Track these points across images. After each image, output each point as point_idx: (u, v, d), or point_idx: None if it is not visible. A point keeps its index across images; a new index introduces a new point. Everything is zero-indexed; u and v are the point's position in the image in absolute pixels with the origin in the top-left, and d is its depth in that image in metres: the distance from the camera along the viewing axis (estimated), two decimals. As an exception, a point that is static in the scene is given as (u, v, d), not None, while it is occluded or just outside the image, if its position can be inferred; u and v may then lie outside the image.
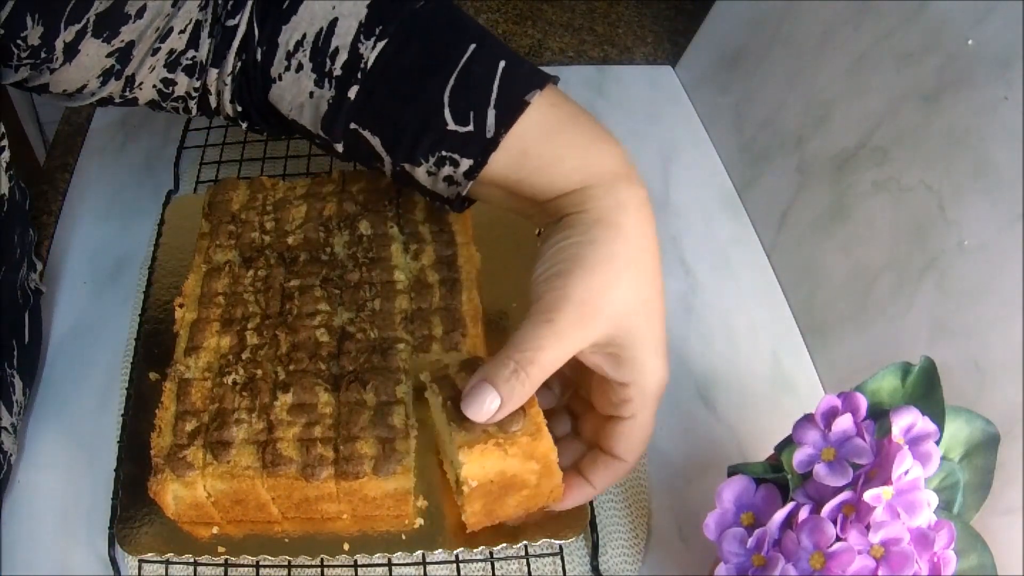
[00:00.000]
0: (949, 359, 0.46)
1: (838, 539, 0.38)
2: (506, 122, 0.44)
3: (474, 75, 0.44)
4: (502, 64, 0.44)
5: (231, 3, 0.47)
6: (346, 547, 0.48)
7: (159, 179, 0.69)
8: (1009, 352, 0.47)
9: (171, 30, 0.46)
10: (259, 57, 0.47)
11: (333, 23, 0.45)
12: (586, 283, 0.41)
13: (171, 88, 0.49)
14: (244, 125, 0.52)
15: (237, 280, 0.53)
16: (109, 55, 0.45)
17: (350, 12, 0.45)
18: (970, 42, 0.52)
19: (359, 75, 0.45)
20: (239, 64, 0.48)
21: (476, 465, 0.42)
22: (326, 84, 0.46)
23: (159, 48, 0.47)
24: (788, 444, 0.43)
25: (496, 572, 0.50)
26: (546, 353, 0.41)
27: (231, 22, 0.47)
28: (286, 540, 0.48)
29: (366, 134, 0.46)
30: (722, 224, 0.71)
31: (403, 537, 0.49)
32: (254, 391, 0.48)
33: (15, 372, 0.54)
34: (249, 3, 0.47)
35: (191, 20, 0.47)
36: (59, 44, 0.43)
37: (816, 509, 0.40)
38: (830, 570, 0.38)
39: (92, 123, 0.76)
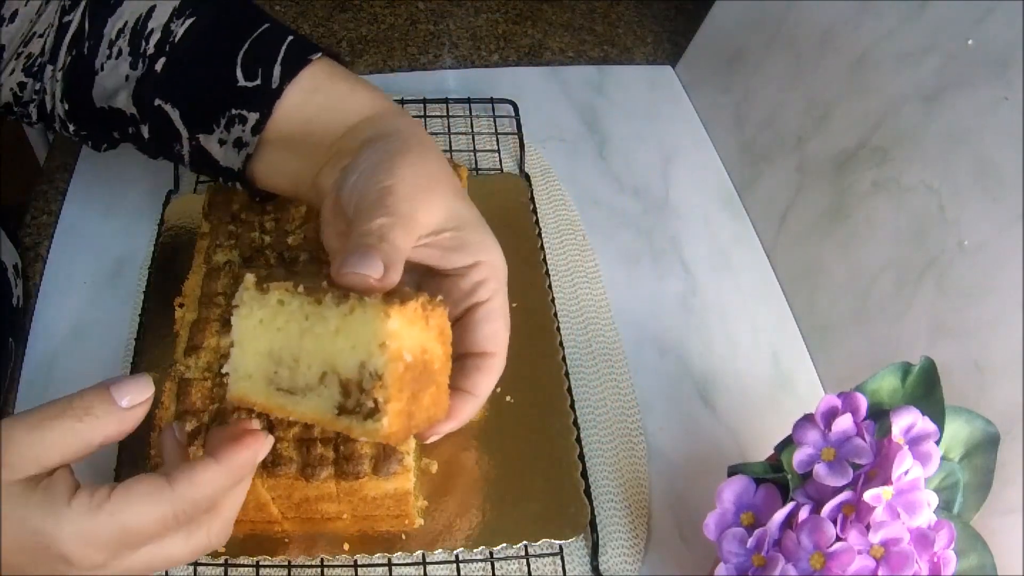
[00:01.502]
0: (949, 359, 0.46)
1: (838, 539, 0.38)
2: (290, 74, 0.47)
3: (265, 42, 0.48)
4: (290, 37, 0.49)
5: (70, 1, 0.49)
6: (346, 547, 0.48)
7: (159, 179, 0.69)
8: (1009, 352, 0.47)
9: (33, 35, 0.49)
10: (86, 50, 0.49)
11: (151, 9, 0.49)
12: (413, 167, 0.42)
13: (23, 91, 0.51)
14: (72, 129, 0.53)
15: (237, 280, 0.53)
16: None
17: (166, 2, 0.49)
18: (970, 42, 0.52)
19: (167, 48, 0.48)
20: (69, 59, 0.49)
21: (406, 333, 0.35)
22: (140, 64, 0.48)
23: (21, 52, 0.49)
24: (788, 444, 0.43)
25: (496, 572, 0.50)
26: (400, 220, 0.40)
27: (67, 18, 0.49)
28: (286, 540, 0.48)
29: (167, 108, 0.48)
30: (722, 224, 0.71)
31: (403, 537, 0.49)
32: (254, 391, 0.48)
33: None
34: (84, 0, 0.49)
35: (49, 24, 0.49)
36: None
37: (816, 509, 0.40)
38: (830, 570, 0.38)
39: (92, 123, 0.76)
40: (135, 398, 0.35)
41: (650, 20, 0.90)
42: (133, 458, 0.50)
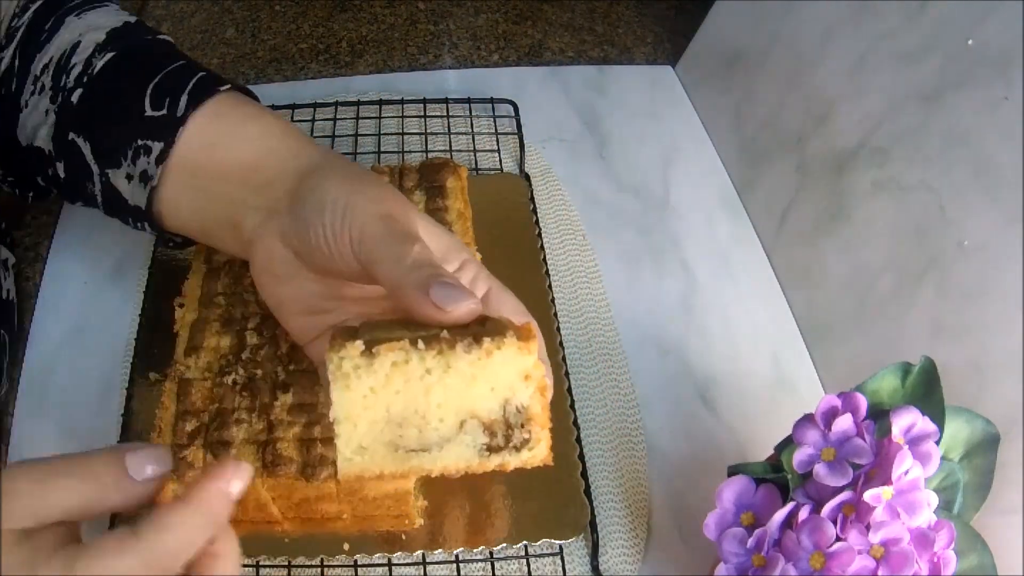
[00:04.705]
0: (949, 359, 0.46)
1: (838, 539, 0.38)
2: (195, 103, 0.46)
3: (176, 75, 0.48)
4: (202, 72, 0.48)
5: (6, 37, 0.49)
6: (346, 547, 0.48)
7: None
8: (1009, 352, 0.47)
9: None
10: (13, 87, 0.49)
11: (76, 45, 0.49)
12: (388, 187, 0.42)
13: None
14: None
15: (237, 280, 0.53)
16: None
17: (92, 37, 0.49)
18: (970, 42, 0.52)
19: (84, 80, 0.48)
20: None
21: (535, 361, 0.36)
22: (59, 98, 0.48)
23: None
24: (788, 444, 0.43)
25: (496, 572, 0.50)
26: (423, 245, 0.39)
27: (1, 55, 0.49)
28: (286, 540, 0.48)
29: (80, 142, 0.48)
30: (722, 224, 0.71)
31: (403, 537, 0.49)
32: (254, 391, 0.48)
33: None
34: (18, 36, 0.49)
35: None
36: None
37: (816, 509, 0.40)
38: (830, 570, 0.38)
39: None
40: (148, 471, 0.33)
41: (650, 20, 0.90)
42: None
